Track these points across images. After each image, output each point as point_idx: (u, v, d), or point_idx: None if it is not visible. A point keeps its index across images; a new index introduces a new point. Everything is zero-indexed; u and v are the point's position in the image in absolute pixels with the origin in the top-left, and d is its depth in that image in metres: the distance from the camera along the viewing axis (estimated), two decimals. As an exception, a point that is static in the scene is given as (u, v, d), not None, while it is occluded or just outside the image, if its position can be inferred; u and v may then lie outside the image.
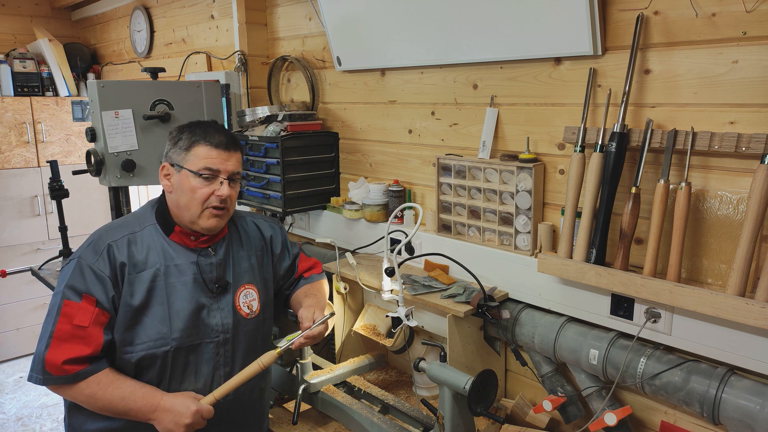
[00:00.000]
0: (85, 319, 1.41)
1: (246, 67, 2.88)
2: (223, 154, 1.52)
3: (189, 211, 1.53)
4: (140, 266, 1.50)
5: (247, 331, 1.63)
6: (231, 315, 1.59)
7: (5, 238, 4.32)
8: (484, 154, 1.94)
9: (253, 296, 1.65)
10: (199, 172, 1.50)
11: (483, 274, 1.89)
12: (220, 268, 1.60)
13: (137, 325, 1.48)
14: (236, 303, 1.61)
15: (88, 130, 2.23)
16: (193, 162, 1.51)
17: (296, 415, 1.90)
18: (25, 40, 4.75)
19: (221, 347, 1.57)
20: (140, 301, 1.48)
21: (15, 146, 4.32)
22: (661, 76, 1.53)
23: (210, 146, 1.51)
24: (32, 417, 3.71)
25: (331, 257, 2.31)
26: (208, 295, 1.56)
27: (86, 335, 1.41)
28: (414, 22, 2.03)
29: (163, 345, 1.49)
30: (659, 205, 1.47)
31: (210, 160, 1.51)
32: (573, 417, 1.75)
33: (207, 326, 1.55)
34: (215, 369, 1.57)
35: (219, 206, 1.53)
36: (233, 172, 1.55)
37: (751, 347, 1.38)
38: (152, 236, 1.54)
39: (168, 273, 1.52)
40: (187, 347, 1.52)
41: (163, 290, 1.50)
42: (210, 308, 1.56)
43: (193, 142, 1.52)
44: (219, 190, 1.52)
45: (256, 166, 2.55)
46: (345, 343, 2.26)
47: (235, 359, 1.60)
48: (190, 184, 1.51)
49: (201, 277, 1.55)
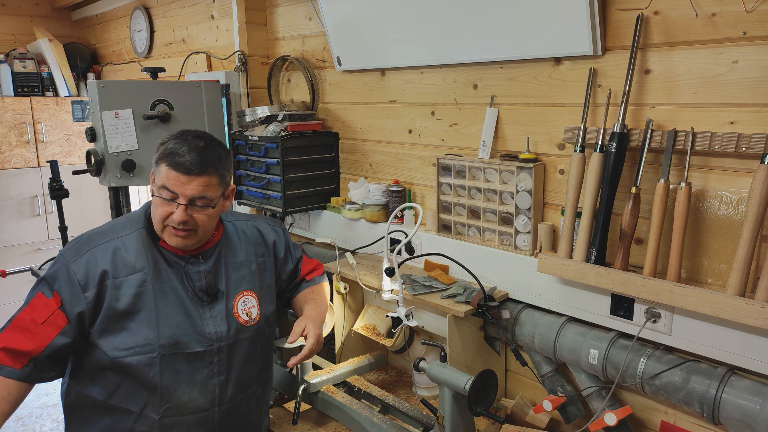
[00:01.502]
0: (42, 315, 1.40)
1: (246, 67, 2.88)
2: (183, 177, 1.42)
3: (155, 224, 1.50)
4: (127, 270, 1.47)
5: (247, 338, 1.60)
6: (225, 323, 1.55)
7: (5, 238, 4.32)
8: (484, 154, 1.94)
9: (253, 303, 1.62)
10: (158, 191, 1.46)
11: (483, 274, 1.89)
12: (210, 276, 1.56)
13: (124, 330, 1.45)
14: (234, 310, 1.58)
15: (88, 130, 2.23)
16: (158, 178, 1.47)
17: (296, 415, 1.90)
18: (25, 40, 4.75)
19: (215, 356, 1.54)
20: (126, 306, 1.45)
21: (15, 146, 4.32)
22: (661, 76, 1.53)
23: (170, 167, 1.43)
24: (32, 417, 3.71)
25: (331, 257, 2.31)
26: (197, 303, 1.53)
27: (37, 330, 1.40)
28: (414, 22, 2.03)
29: (150, 351, 1.45)
30: (659, 205, 1.47)
31: (169, 180, 1.43)
32: (573, 417, 1.75)
33: (200, 334, 1.52)
34: (209, 378, 1.53)
35: (177, 228, 1.46)
36: (195, 197, 1.45)
37: (751, 347, 1.38)
38: (142, 240, 1.51)
39: (156, 278, 1.49)
40: (177, 354, 1.49)
41: (151, 295, 1.47)
42: (202, 316, 1.53)
43: (160, 157, 1.46)
44: (174, 213, 1.44)
45: (256, 166, 2.55)
46: (345, 343, 2.26)
47: (231, 368, 1.57)
48: (155, 199, 1.48)
49: (189, 285, 1.52)
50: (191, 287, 1.53)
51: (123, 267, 1.47)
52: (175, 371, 1.49)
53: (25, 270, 3.25)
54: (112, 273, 1.46)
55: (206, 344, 1.52)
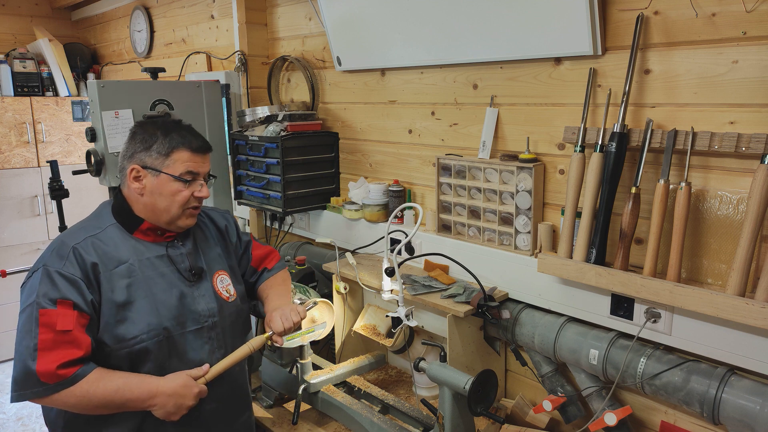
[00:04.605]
0: (68, 323, 1.39)
1: (246, 67, 2.88)
2: (201, 157, 1.57)
3: (168, 213, 1.54)
4: (113, 263, 1.49)
5: (231, 313, 1.66)
6: (214, 299, 1.61)
7: (5, 238, 4.32)
8: (484, 154, 1.94)
9: (228, 281, 1.68)
10: (181, 177, 1.53)
11: (483, 274, 1.89)
12: (191, 257, 1.62)
13: (126, 321, 1.47)
14: (216, 288, 1.63)
15: (88, 130, 2.23)
16: (175, 167, 1.52)
17: (296, 415, 1.90)
18: (25, 40, 4.75)
19: (212, 331, 1.59)
20: (123, 297, 1.47)
21: (15, 146, 4.31)
22: (661, 76, 1.53)
23: (191, 151, 1.54)
24: (32, 417, 3.71)
25: (331, 257, 2.31)
26: (186, 284, 1.58)
27: (73, 339, 1.39)
28: (414, 22, 2.03)
29: (156, 336, 1.49)
30: (659, 205, 1.47)
31: (192, 164, 1.54)
32: (573, 417, 1.75)
33: (195, 312, 1.57)
34: (211, 353, 1.58)
35: (197, 206, 1.58)
36: (208, 173, 1.61)
37: (751, 347, 1.38)
38: (116, 235, 1.54)
39: (142, 266, 1.53)
40: (180, 335, 1.53)
41: (143, 283, 1.51)
42: (193, 295, 1.58)
43: (172, 147, 1.53)
44: (199, 191, 1.56)
45: (256, 166, 2.55)
46: (345, 343, 2.26)
47: (226, 342, 1.63)
48: (171, 188, 1.52)
49: (175, 267, 1.57)
50: (177, 269, 1.58)
51: (108, 260, 1.49)
52: (181, 351, 1.54)
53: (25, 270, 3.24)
54: (102, 266, 1.47)
55: (202, 321, 1.58)
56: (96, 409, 1.43)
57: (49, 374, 1.36)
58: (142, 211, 1.56)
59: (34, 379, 1.35)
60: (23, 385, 1.37)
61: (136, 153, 1.54)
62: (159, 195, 1.52)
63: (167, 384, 1.45)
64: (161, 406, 1.44)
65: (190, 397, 1.45)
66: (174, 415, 1.45)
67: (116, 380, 1.43)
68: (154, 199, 1.53)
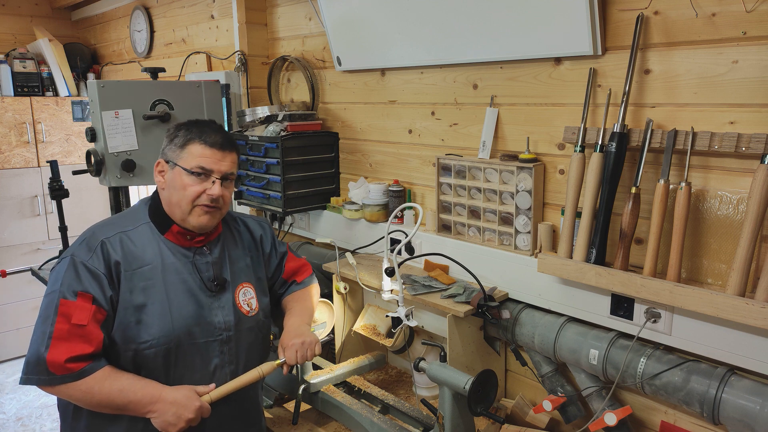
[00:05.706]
0: (84, 317, 1.40)
1: (246, 67, 2.88)
2: (218, 153, 1.52)
3: (180, 208, 1.53)
4: (137, 263, 1.49)
5: (249, 328, 1.63)
6: (232, 313, 1.59)
7: (5, 238, 4.32)
8: (484, 154, 1.94)
9: (251, 294, 1.65)
10: (191, 170, 1.50)
11: (483, 274, 1.89)
12: (217, 267, 1.60)
13: (139, 323, 1.47)
14: (236, 301, 1.61)
15: (88, 130, 2.23)
16: (187, 160, 1.51)
17: (296, 415, 1.90)
18: (25, 40, 4.75)
19: (225, 345, 1.57)
20: (140, 299, 1.47)
21: (15, 146, 4.32)
22: (661, 76, 1.53)
23: (205, 145, 1.51)
24: (32, 417, 3.71)
25: (331, 257, 2.31)
26: (206, 294, 1.56)
27: (86, 333, 1.41)
28: (414, 22, 2.03)
29: (166, 342, 1.48)
30: (659, 205, 1.47)
31: (204, 159, 1.51)
32: (573, 417, 1.75)
33: (210, 324, 1.55)
34: (221, 367, 1.57)
35: (209, 205, 1.53)
36: (227, 173, 1.55)
37: (751, 347, 1.38)
38: (147, 234, 1.54)
39: (165, 270, 1.52)
40: (190, 345, 1.52)
41: (162, 287, 1.50)
42: (211, 306, 1.56)
43: (188, 139, 1.52)
44: (210, 189, 1.51)
45: (256, 166, 2.55)
46: (345, 343, 2.26)
47: (239, 357, 1.60)
48: (182, 181, 1.51)
49: (198, 276, 1.55)
50: (200, 278, 1.56)
51: (133, 259, 1.49)
52: (189, 362, 1.52)
53: (25, 270, 3.25)
54: (124, 265, 1.48)
55: (216, 334, 1.56)
56: (98, 407, 1.43)
57: (57, 365, 1.38)
58: (166, 206, 1.56)
59: (42, 367, 1.38)
60: (32, 369, 1.40)
61: (164, 148, 1.57)
62: (173, 188, 1.53)
63: (170, 392, 1.44)
64: (161, 414, 1.43)
65: (191, 409, 1.43)
66: (172, 426, 1.42)
67: (121, 381, 1.43)
68: (170, 193, 1.54)
